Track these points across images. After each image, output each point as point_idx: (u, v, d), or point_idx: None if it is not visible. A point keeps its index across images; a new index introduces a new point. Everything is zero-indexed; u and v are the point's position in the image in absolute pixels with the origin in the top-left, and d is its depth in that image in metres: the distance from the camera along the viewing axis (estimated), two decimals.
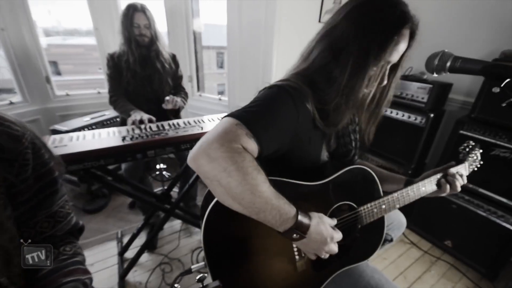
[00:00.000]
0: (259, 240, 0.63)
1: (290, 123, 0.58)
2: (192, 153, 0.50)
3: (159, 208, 1.45)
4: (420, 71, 1.66)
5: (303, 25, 1.71)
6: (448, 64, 0.65)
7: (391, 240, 0.96)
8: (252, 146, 0.51)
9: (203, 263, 0.60)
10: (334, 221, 0.62)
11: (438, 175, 0.80)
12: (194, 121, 1.44)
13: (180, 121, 1.44)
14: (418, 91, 1.57)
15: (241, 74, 1.97)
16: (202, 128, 1.33)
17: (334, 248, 0.60)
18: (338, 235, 0.61)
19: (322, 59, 0.63)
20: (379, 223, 0.77)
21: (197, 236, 1.73)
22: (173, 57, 1.68)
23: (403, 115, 1.63)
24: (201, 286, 0.43)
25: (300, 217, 0.53)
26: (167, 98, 1.51)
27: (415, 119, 1.59)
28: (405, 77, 1.64)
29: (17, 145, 0.47)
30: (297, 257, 0.67)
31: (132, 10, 1.43)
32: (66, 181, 1.98)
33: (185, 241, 1.69)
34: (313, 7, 1.72)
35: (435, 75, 0.69)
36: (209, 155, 0.47)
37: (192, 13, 2.23)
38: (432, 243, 1.70)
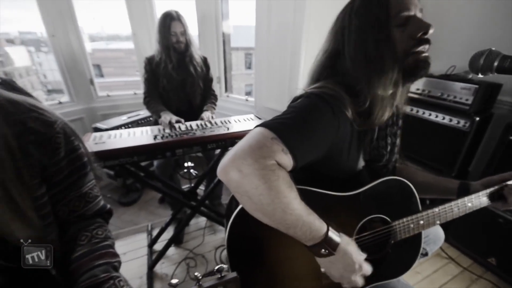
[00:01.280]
0: (284, 248, 0.62)
1: (329, 136, 0.55)
2: (223, 165, 0.48)
3: (185, 205, 1.50)
4: (464, 70, 1.51)
5: None
6: (496, 64, 0.58)
7: (426, 254, 0.89)
8: (287, 161, 0.49)
9: (226, 266, 0.61)
10: (363, 255, 0.58)
11: (492, 188, 0.72)
12: (221, 122, 1.47)
13: (207, 121, 1.48)
14: (461, 92, 1.43)
15: (268, 75, 1.97)
16: (228, 128, 1.36)
17: (359, 282, 0.56)
18: (368, 268, 0.57)
19: (328, 58, 0.65)
20: (416, 239, 0.71)
21: (221, 234, 1.77)
22: (205, 60, 1.74)
23: (443, 118, 1.50)
24: (219, 276, 0.44)
25: (330, 233, 0.51)
26: (204, 117, 1.54)
27: (458, 122, 1.45)
28: (447, 77, 1.51)
29: (50, 130, 0.51)
30: (322, 268, 0.65)
31: (169, 20, 1.50)
32: (105, 175, 2.16)
33: (209, 238, 1.73)
34: (344, 4, 1.66)
35: (480, 76, 0.62)
36: (241, 170, 0.46)
37: (222, 15, 2.28)
38: (473, 260, 1.54)
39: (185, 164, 1.83)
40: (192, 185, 1.68)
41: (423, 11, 0.59)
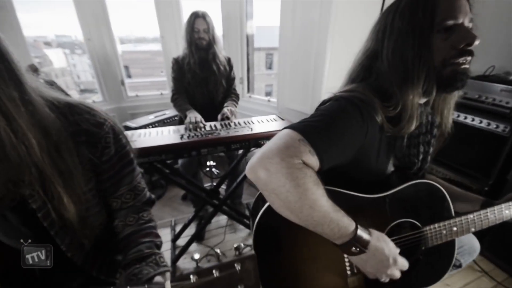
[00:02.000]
0: (310, 250, 0.62)
1: (357, 140, 0.55)
2: (251, 164, 0.50)
3: (208, 203, 1.54)
4: (505, 71, 1.40)
5: (362, 24, 1.61)
6: None
7: (460, 266, 0.85)
8: (313, 162, 0.50)
9: (243, 244, 0.63)
10: (397, 249, 0.57)
11: None
12: (244, 122, 1.49)
13: (231, 121, 1.51)
14: (501, 94, 1.33)
15: (291, 76, 1.95)
16: (251, 129, 1.37)
17: (396, 273, 0.56)
18: (404, 262, 0.56)
19: (367, 58, 0.63)
20: (449, 246, 0.68)
21: (241, 233, 1.79)
22: (228, 60, 1.78)
23: (481, 122, 1.40)
24: (237, 253, 0.46)
25: (359, 231, 0.51)
26: (225, 112, 1.57)
27: (497, 127, 1.35)
28: (485, 78, 1.41)
29: (100, 130, 0.56)
30: (348, 272, 0.64)
31: (194, 17, 1.57)
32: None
33: (230, 236, 1.76)
34: (373, 3, 1.60)
35: None
36: (268, 169, 0.47)
37: (246, 16, 2.30)
38: (508, 274, 1.43)
39: (208, 163, 1.88)
40: (214, 184, 1.72)
41: (474, 21, 0.55)
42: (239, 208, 1.88)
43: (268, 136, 1.35)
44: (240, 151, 1.64)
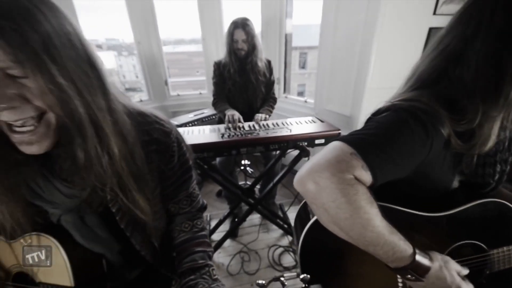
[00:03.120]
0: (361, 266, 0.59)
1: (418, 157, 0.49)
2: (299, 176, 0.47)
3: (244, 201, 1.58)
4: None
5: (412, 24, 1.50)
6: None
7: None
8: (366, 178, 0.45)
9: (294, 273, 0.61)
10: (465, 271, 0.52)
11: None
12: (282, 123, 1.49)
13: (269, 122, 1.52)
14: None
15: (331, 76, 1.90)
16: (290, 130, 1.37)
17: None
18: None
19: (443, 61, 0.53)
20: None
21: (274, 233, 1.80)
22: (269, 64, 1.79)
23: None
24: (303, 286, 0.43)
25: (418, 257, 0.47)
26: (258, 118, 1.58)
27: None
28: None
29: (168, 139, 0.58)
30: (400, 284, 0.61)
31: (233, 27, 1.60)
32: None
33: (263, 235, 1.78)
34: (425, 2, 1.49)
35: None
36: (318, 183, 0.44)
37: (286, 15, 2.29)
38: None
39: (242, 162, 1.93)
40: (248, 182, 1.75)
41: None
42: (273, 208, 1.89)
43: (306, 138, 1.34)
44: (277, 152, 1.65)
